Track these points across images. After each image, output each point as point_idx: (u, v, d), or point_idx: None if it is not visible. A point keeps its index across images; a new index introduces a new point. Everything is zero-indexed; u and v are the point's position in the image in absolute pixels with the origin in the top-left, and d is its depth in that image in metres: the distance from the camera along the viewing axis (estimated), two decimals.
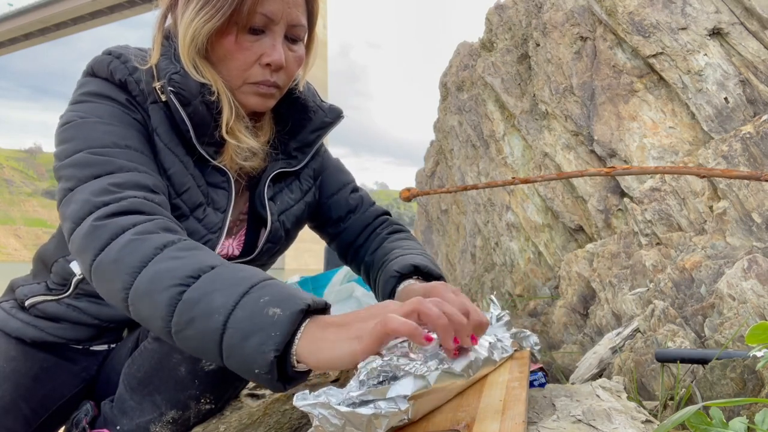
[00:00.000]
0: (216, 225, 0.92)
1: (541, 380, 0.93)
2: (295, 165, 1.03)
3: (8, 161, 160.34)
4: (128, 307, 0.70)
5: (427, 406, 0.64)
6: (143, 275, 0.67)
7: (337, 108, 1.07)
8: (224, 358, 0.63)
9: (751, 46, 1.58)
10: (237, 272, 0.67)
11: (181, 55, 0.86)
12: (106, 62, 0.87)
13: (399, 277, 0.95)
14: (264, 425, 0.93)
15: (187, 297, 0.64)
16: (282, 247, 1.04)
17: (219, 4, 0.82)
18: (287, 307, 0.61)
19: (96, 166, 0.79)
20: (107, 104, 0.86)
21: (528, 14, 2.35)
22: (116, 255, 0.70)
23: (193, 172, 0.90)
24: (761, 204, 1.28)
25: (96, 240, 0.72)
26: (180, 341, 0.66)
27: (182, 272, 0.66)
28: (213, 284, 0.65)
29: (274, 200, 1.00)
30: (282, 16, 0.86)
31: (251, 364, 0.60)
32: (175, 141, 0.89)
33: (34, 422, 1.00)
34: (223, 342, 0.62)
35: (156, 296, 0.65)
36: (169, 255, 0.68)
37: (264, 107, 0.93)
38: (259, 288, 0.64)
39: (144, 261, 0.68)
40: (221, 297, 0.63)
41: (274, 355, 0.59)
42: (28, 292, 1.02)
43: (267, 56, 0.87)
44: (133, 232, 0.71)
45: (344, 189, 1.14)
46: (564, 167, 1.98)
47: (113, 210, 0.74)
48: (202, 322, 0.63)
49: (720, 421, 0.56)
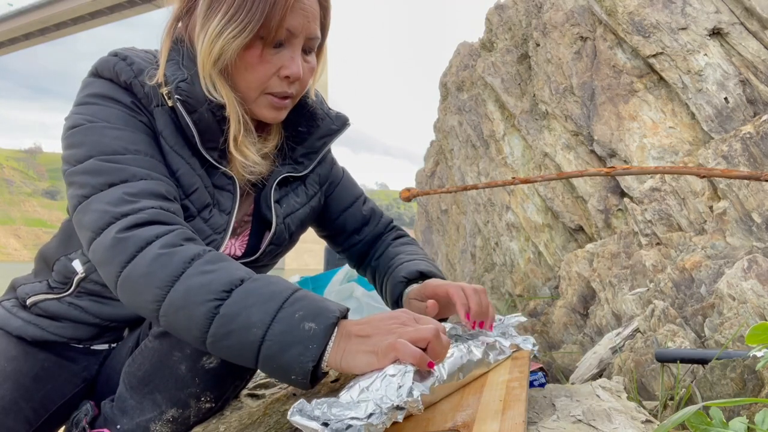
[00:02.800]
0: (221, 226, 0.92)
1: (541, 380, 0.93)
2: (302, 171, 1.04)
3: (8, 161, 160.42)
4: (159, 318, 0.73)
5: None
6: (176, 289, 0.71)
7: (344, 116, 1.09)
8: (259, 365, 0.70)
9: (751, 46, 1.58)
10: (267, 286, 0.72)
11: (199, 68, 0.86)
12: (111, 63, 0.87)
13: (406, 282, 1.03)
14: (264, 425, 0.93)
15: (224, 311, 0.70)
16: (284, 250, 1.05)
17: (247, 19, 0.81)
18: (321, 321, 0.68)
19: (109, 173, 0.80)
20: (114, 107, 0.86)
21: (528, 14, 2.35)
22: (146, 269, 0.73)
23: (200, 173, 0.91)
24: (761, 204, 1.28)
25: (121, 253, 0.74)
26: (216, 350, 0.72)
27: (216, 287, 0.71)
28: (248, 299, 0.70)
29: (280, 203, 1.01)
30: (302, 30, 0.87)
31: (289, 372, 0.68)
32: (181, 143, 0.89)
33: (35, 422, 1.00)
34: (261, 353, 0.68)
35: (192, 310, 0.70)
36: (199, 269, 0.73)
37: (276, 119, 0.94)
38: (292, 302, 0.70)
39: (175, 275, 0.72)
40: (258, 312, 0.69)
41: (312, 365, 0.67)
42: (29, 291, 1.02)
43: (286, 69, 0.88)
44: (159, 245, 0.74)
45: (357, 202, 1.19)
46: (564, 167, 1.98)
47: (134, 222, 0.76)
48: (241, 335, 0.69)
49: (720, 421, 0.56)
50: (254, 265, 1.01)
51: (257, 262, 1.01)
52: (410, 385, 0.63)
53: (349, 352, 0.68)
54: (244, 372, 0.91)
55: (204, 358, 0.85)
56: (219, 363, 0.86)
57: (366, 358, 0.67)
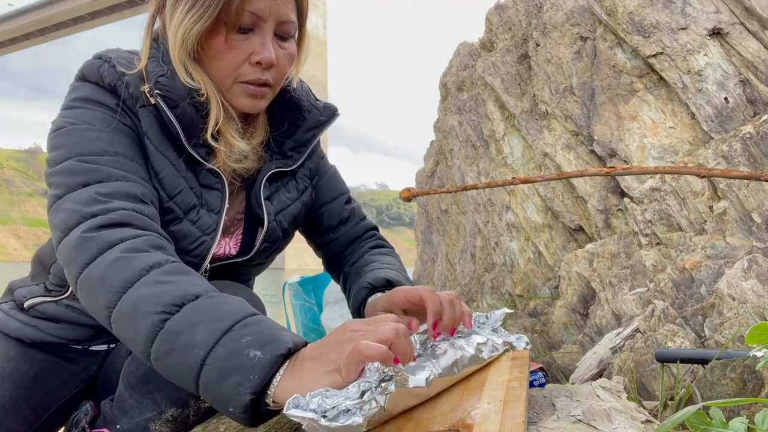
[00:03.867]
0: (210, 227, 0.91)
1: (541, 380, 0.93)
2: (291, 165, 1.02)
3: (8, 161, 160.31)
4: (111, 325, 0.70)
5: (401, 407, 0.67)
6: (127, 297, 0.68)
7: (332, 106, 1.07)
8: (200, 392, 0.64)
9: (751, 46, 1.58)
10: (221, 305, 0.67)
11: (171, 58, 0.86)
12: (96, 66, 0.87)
13: (371, 289, 0.97)
14: (264, 425, 0.93)
15: (169, 326, 0.65)
16: (279, 247, 1.04)
17: (206, 4, 0.81)
18: (268, 350, 0.62)
19: (84, 173, 0.79)
20: (97, 110, 0.86)
21: (528, 14, 2.35)
22: (102, 272, 0.70)
23: (185, 175, 0.90)
24: (761, 204, 1.28)
25: (83, 253, 0.72)
26: (159, 368, 0.67)
27: (166, 299, 0.66)
28: (196, 316, 0.65)
29: (271, 200, 1.00)
30: (270, 13, 0.85)
31: (227, 402, 0.61)
32: (166, 144, 0.88)
33: (35, 422, 1.00)
34: (200, 377, 0.63)
35: (138, 321, 0.66)
36: (155, 279, 0.68)
37: (255, 108, 0.92)
38: (242, 326, 0.64)
39: (129, 282, 0.68)
40: (203, 332, 0.63)
41: (249, 398, 0.60)
42: (27, 293, 1.02)
43: (257, 54, 0.86)
44: (121, 249, 0.71)
45: (339, 199, 1.14)
46: (564, 167, 1.98)
47: (102, 222, 0.74)
48: (181, 355, 0.63)
49: (720, 421, 0.56)
50: (250, 264, 1.01)
51: (253, 260, 1.00)
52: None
53: (307, 380, 0.61)
54: None
55: None
56: None
57: (328, 378, 0.60)
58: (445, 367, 0.74)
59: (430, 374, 0.70)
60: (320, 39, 74.80)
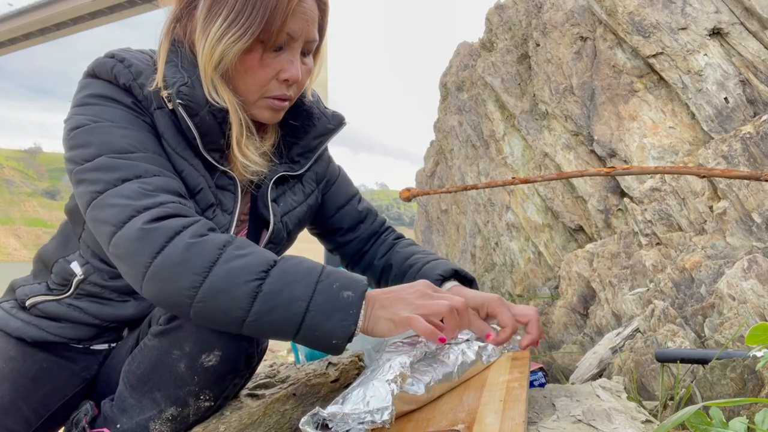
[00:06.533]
0: (224, 226, 0.93)
1: (541, 380, 0.94)
2: (298, 169, 1.05)
3: (8, 161, 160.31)
4: (193, 305, 0.75)
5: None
6: (215, 273, 0.74)
7: (340, 115, 1.10)
8: (299, 335, 0.75)
9: (751, 46, 1.58)
10: (300, 264, 0.78)
11: (201, 73, 0.86)
12: (109, 65, 0.86)
13: (441, 280, 1.04)
14: (264, 425, 0.93)
15: (267, 289, 0.74)
16: (283, 248, 1.06)
17: (248, 23, 0.82)
18: (356, 289, 0.76)
19: (122, 169, 0.80)
20: (116, 107, 0.85)
21: (528, 14, 2.35)
22: (180, 257, 0.75)
23: (204, 174, 0.91)
24: (761, 204, 1.28)
25: (150, 244, 0.75)
26: (256, 327, 0.75)
27: (254, 268, 0.75)
28: (287, 276, 0.75)
29: (277, 202, 1.02)
30: (302, 33, 0.88)
31: (331, 337, 0.74)
32: (182, 146, 0.89)
33: (35, 422, 1.00)
34: (304, 322, 0.74)
35: (235, 291, 0.74)
36: (233, 254, 0.76)
37: (274, 120, 0.96)
38: (326, 276, 0.76)
39: (212, 261, 0.75)
40: (300, 287, 0.74)
41: (353, 328, 0.74)
42: (28, 292, 1.02)
43: (285, 72, 0.89)
44: (189, 234, 0.77)
45: (353, 200, 1.20)
46: (564, 167, 1.98)
47: (158, 214, 0.77)
48: (285, 309, 0.74)
49: (720, 421, 0.56)
50: None
51: None
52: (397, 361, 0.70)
53: (373, 317, 0.75)
54: (244, 370, 0.91)
55: (203, 356, 0.85)
56: (218, 361, 0.86)
57: (386, 324, 0.75)
58: (445, 373, 0.75)
59: (431, 380, 0.71)
60: None
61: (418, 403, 0.71)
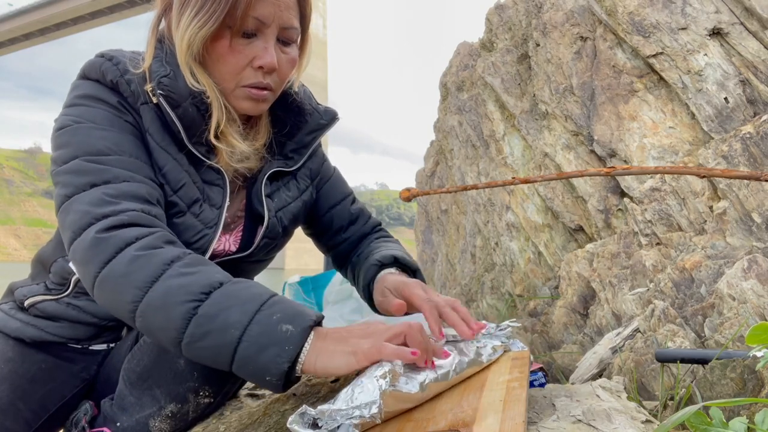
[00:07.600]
0: (212, 220, 0.93)
1: (541, 380, 0.94)
2: (292, 165, 1.05)
3: (8, 161, 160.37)
4: (135, 319, 0.74)
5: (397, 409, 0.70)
6: (155, 290, 0.72)
7: (333, 110, 1.09)
8: (234, 367, 0.70)
9: (751, 46, 1.58)
10: (246, 289, 0.74)
11: (178, 60, 0.87)
12: (98, 64, 0.88)
13: (379, 266, 1.03)
14: (264, 425, 0.93)
15: (202, 312, 0.70)
16: (279, 244, 1.06)
17: (212, 10, 0.83)
18: (298, 323, 0.70)
19: (92, 174, 0.81)
20: (100, 108, 0.87)
21: (528, 14, 2.35)
22: (125, 269, 0.73)
23: (188, 169, 0.91)
24: (761, 204, 1.28)
25: (101, 253, 0.75)
26: (191, 351, 0.72)
27: (194, 288, 0.72)
28: (226, 300, 0.71)
29: (272, 197, 1.02)
30: (274, 19, 0.87)
31: (264, 373, 0.69)
32: (167, 140, 0.90)
33: (35, 423, 1.00)
34: (237, 353, 0.69)
35: (170, 310, 0.71)
36: (178, 271, 0.73)
37: (257, 111, 0.94)
38: (270, 305, 0.72)
39: (154, 276, 0.73)
40: (236, 313, 0.70)
41: (287, 366, 0.68)
42: (27, 293, 1.02)
43: (259, 59, 0.88)
44: (138, 246, 0.75)
45: (346, 200, 1.18)
46: (564, 167, 1.98)
47: (113, 223, 0.77)
48: (217, 336, 0.70)
49: (720, 421, 0.56)
50: (249, 260, 1.02)
51: (252, 256, 1.01)
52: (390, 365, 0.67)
53: (325, 352, 0.69)
54: None
55: None
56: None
57: (344, 358, 0.69)
58: (442, 372, 0.74)
59: (426, 379, 0.71)
60: (320, 39, 74.92)
61: (413, 401, 0.71)
